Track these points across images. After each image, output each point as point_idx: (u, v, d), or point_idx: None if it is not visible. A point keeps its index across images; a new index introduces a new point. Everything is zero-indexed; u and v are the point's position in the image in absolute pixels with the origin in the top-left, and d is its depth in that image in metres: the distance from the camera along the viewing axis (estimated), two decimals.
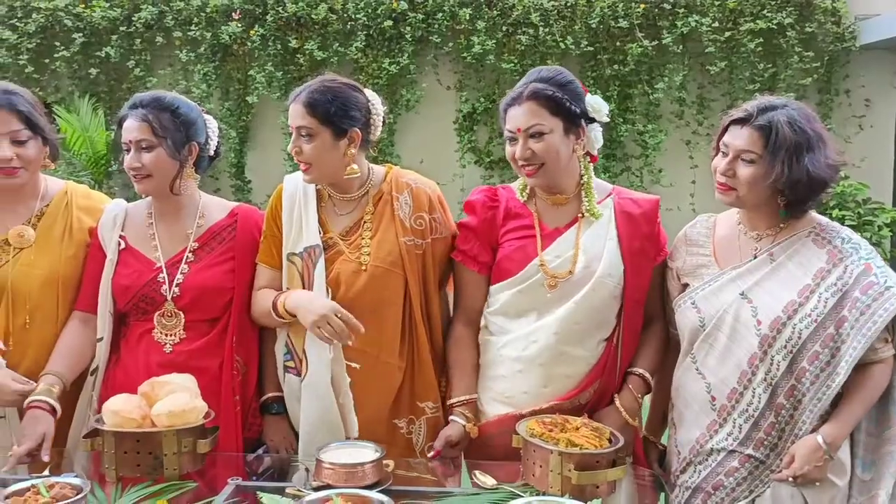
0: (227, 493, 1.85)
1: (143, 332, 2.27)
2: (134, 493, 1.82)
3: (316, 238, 2.22)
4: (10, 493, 1.63)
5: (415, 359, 2.24)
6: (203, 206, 2.37)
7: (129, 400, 1.96)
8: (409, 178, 2.31)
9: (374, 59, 7.34)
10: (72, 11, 7.47)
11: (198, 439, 1.94)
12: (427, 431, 2.25)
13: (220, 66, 7.59)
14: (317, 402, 2.17)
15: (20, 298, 2.24)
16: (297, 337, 2.23)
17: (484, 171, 7.50)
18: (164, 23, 7.46)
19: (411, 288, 2.22)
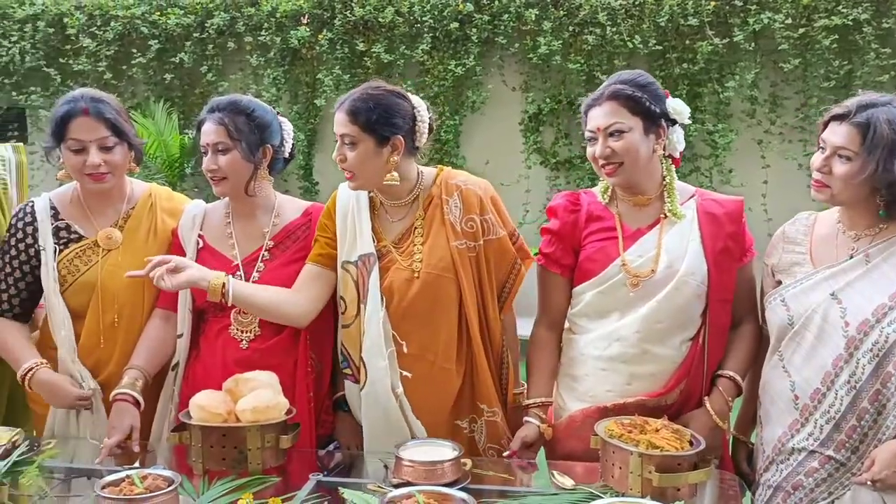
0: (308, 489, 1.89)
1: (220, 328, 2.33)
2: (220, 487, 1.88)
3: (370, 247, 2.24)
4: (106, 484, 1.69)
5: (473, 362, 2.25)
6: (278, 205, 2.42)
7: (214, 395, 2.02)
8: (458, 179, 2.30)
9: (440, 61, 7.37)
10: (148, 19, 7.68)
11: (280, 435, 1.99)
12: (487, 432, 2.27)
13: (289, 69, 7.72)
14: (377, 409, 2.21)
15: (109, 298, 2.33)
16: (352, 346, 2.26)
17: (549, 173, 7.46)
18: (236, 28, 7.62)
19: (465, 292, 2.21)
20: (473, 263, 2.23)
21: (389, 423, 2.18)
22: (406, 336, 2.20)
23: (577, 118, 7.25)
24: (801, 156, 6.63)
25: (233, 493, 1.85)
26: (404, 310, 2.19)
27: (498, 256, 2.27)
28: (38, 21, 7.79)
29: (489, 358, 2.26)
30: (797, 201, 6.26)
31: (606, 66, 7.06)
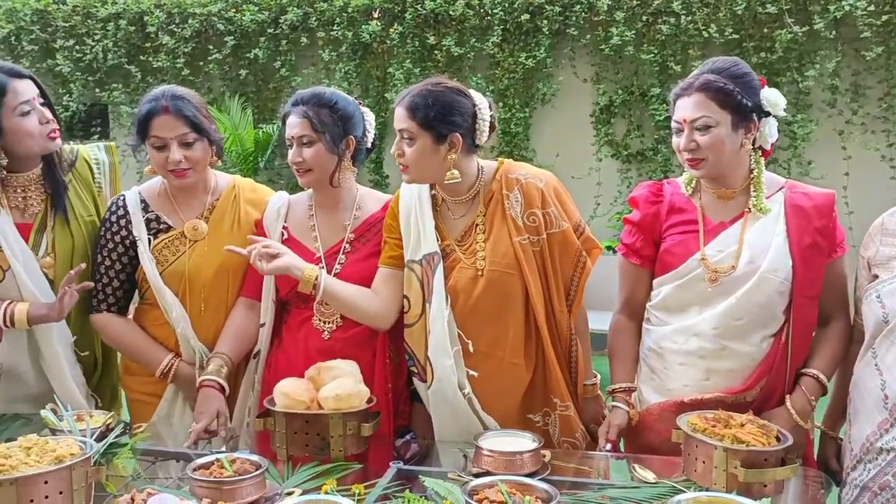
0: (389, 477, 1.91)
1: (303, 319, 2.37)
2: (303, 472, 1.91)
3: (434, 246, 2.24)
4: (197, 466, 1.74)
5: (542, 357, 2.23)
6: (360, 198, 2.45)
7: (298, 383, 2.06)
8: (519, 172, 2.27)
9: (510, 54, 7.35)
10: (224, 16, 7.85)
11: (362, 423, 2.02)
12: (561, 425, 2.26)
13: (360, 64, 7.80)
14: (445, 407, 2.22)
15: (196, 287, 2.40)
16: (416, 345, 2.26)
17: (621, 165, 7.37)
18: (309, 24, 7.73)
19: (531, 287, 2.19)
20: (538, 258, 2.21)
21: (459, 419, 2.19)
22: (473, 335, 2.20)
23: (649, 110, 7.19)
24: (885, 146, 6.42)
25: (316, 478, 1.88)
26: (470, 309, 2.19)
27: (562, 249, 2.24)
28: (119, 20, 8.04)
29: (557, 352, 2.25)
30: (879, 193, 6.07)
31: (680, 56, 6.94)
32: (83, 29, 8.12)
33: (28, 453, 1.60)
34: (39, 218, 2.38)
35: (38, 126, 2.28)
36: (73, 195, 2.45)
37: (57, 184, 2.40)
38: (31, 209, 2.38)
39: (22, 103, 2.25)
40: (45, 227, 2.38)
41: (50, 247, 2.37)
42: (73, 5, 8.09)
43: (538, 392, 2.24)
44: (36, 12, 8.19)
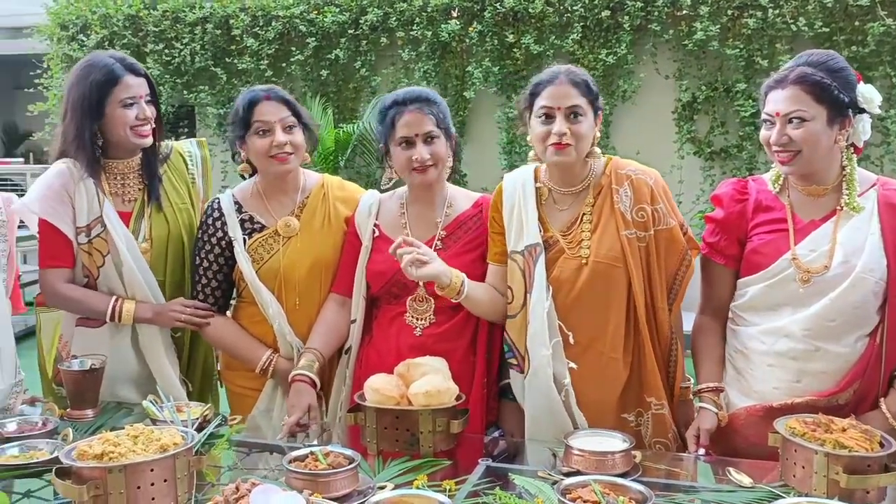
0: (478, 473, 1.92)
1: (394, 315, 2.40)
2: (394, 467, 1.93)
3: (536, 237, 2.24)
4: (293, 459, 1.78)
5: (641, 354, 2.21)
6: (450, 196, 2.47)
7: (388, 379, 2.08)
8: (629, 168, 2.27)
9: (590, 51, 7.28)
10: (306, 17, 7.98)
11: (451, 420, 2.03)
12: (654, 425, 2.23)
13: (439, 63, 7.84)
14: (540, 399, 2.21)
15: (290, 283, 2.46)
16: (517, 336, 2.26)
17: (703, 163, 7.23)
18: (388, 24, 7.80)
19: (634, 282, 2.18)
20: (643, 253, 2.20)
21: (552, 413, 2.18)
22: (574, 326, 2.19)
23: (734, 106, 7.02)
24: None
25: (406, 473, 1.90)
26: (572, 300, 2.19)
27: (668, 247, 2.22)
28: (206, 23, 8.26)
29: (656, 350, 2.22)
30: None
31: (767, 50, 6.77)
32: (172, 33, 8.37)
33: (135, 442, 1.67)
34: (138, 206, 2.50)
35: (134, 120, 2.39)
36: (168, 185, 2.56)
37: (153, 174, 2.51)
38: (129, 196, 2.50)
39: (128, 97, 2.37)
40: (142, 214, 2.50)
41: (147, 233, 2.49)
42: (162, 10, 8.35)
43: (633, 390, 2.22)
44: (128, 18, 8.49)
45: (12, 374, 2.32)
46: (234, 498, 1.33)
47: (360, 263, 2.44)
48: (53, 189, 2.41)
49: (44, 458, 1.86)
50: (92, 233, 2.43)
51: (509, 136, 7.68)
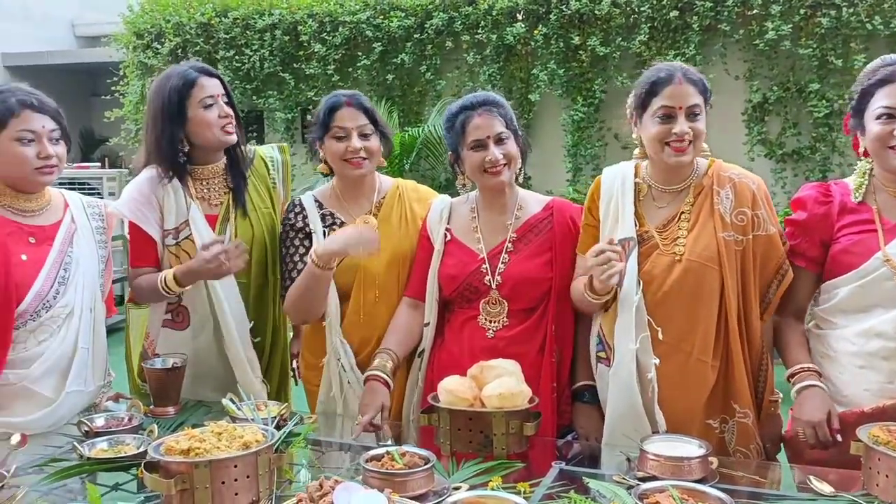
0: (552, 476, 1.92)
1: (467, 318, 2.42)
2: (468, 468, 1.95)
3: (631, 230, 2.23)
4: (370, 458, 1.81)
5: (730, 360, 2.18)
6: (520, 199, 2.48)
7: (462, 381, 2.10)
8: (732, 172, 2.26)
9: (657, 52, 7.21)
10: (372, 23, 8.08)
11: (524, 422, 2.03)
12: (738, 433, 2.19)
13: (503, 66, 7.85)
14: (623, 393, 2.19)
15: (370, 277, 2.51)
16: (608, 329, 2.26)
17: (775, 165, 7.09)
18: (454, 28, 7.85)
19: (728, 285, 2.15)
20: (739, 257, 2.18)
21: (633, 409, 2.17)
22: (662, 323, 2.17)
23: (806, 107, 6.87)
24: None
25: (480, 475, 1.91)
26: (663, 295, 2.17)
27: (766, 254, 2.20)
28: (275, 30, 8.43)
29: (745, 358, 2.19)
30: None
31: (842, 49, 6.62)
32: (242, 40, 8.56)
33: (219, 438, 1.71)
34: (223, 210, 2.57)
35: (217, 119, 2.46)
36: (252, 189, 2.62)
37: (238, 178, 2.58)
38: (214, 200, 2.57)
39: (206, 97, 2.45)
40: (228, 218, 2.57)
41: (233, 236, 2.54)
42: (233, 18, 8.55)
43: (719, 396, 2.19)
44: (200, 25, 8.71)
45: (102, 376, 2.40)
46: (318, 495, 1.36)
47: (432, 267, 2.47)
48: (143, 193, 2.49)
49: (131, 452, 1.93)
50: (180, 235, 2.50)
51: (574, 138, 7.65)
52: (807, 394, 2.10)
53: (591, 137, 7.66)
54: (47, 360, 2.21)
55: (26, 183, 2.22)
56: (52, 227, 2.30)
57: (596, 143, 7.68)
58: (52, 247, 2.26)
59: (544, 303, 2.39)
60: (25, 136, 2.16)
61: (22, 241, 2.22)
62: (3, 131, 2.16)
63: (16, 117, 2.16)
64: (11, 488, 1.74)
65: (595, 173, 7.64)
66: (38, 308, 2.19)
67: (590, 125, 7.64)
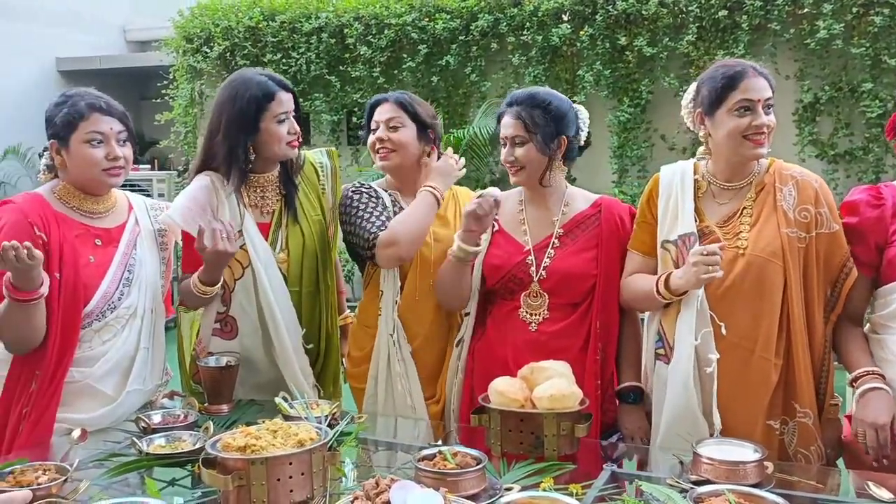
0: (603, 479, 1.91)
1: (509, 310, 2.43)
2: (519, 469, 1.95)
3: (691, 226, 2.22)
4: (422, 457, 1.82)
5: (792, 359, 2.15)
6: (568, 195, 2.49)
7: (512, 382, 2.09)
8: (793, 170, 2.24)
9: (705, 52, 7.13)
10: (418, 25, 8.11)
11: (575, 424, 2.03)
12: (799, 435, 2.16)
13: (549, 67, 7.82)
14: (682, 390, 2.17)
15: (425, 264, 2.56)
16: (669, 325, 2.24)
17: (826, 166, 6.96)
18: (499, 29, 7.84)
19: (790, 282, 2.13)
20: (802, 254, 2.16)
21: (690, 408, 2.15)
22: (724, 318, 2.15)
23: (859, 107, 6.74)
24: None
25: (531, 476, 1.91)
26: (725, 290, 2.15)
27: (829, 251, 2.19)
28: (321, 33, 8.50)
29: (808, 357, 2.16)
30: None
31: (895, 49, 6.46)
32: (289, 43, 8.66)
33: (274, 436, 1.74)
34: (276, 217, 2.56)
35: (287, 135, 2.48)
36: (302, 196, 2.63)
37: (291, 185, 2.59)
38: (267, 208, 2.56)
39: (282, 112, 2.46)
40: (280, 225, 2.56)
41: (284, 243, 2.55)
42: (280, 22, 8.65)
43: (780, 397, 2.17)
44: (248, 29, 8.83)
45: (160, 375, 2.44)
46: (375, 493, 1.38)
47: (478, 257, 2.47)
48: (198, 202, 2.45)
49: (188, 448, 1.96)
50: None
51: (620, 139, 7.59)
52: (872, 395, 2.07)
53: (636, 138, 7.60)
54: (110, 359, 2.26)
55: (95, 184, 2.27)
56: (118, 229, 2.35)
57: (642, 144, 7.62)
58: (117, 249, 2.31)
59: (588, 299, 2.39)
60: (95, 137, 2.22)
61: (89, 243, 2.27)
62: (74, 134, 2.21)
63: (85, 120, 2.21)
64: (74, 482, 1.78)
65: (641, 175, 7.59)
66: (104, 309, 2.24)
67: (636, 126, 7.58)
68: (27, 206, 2.20)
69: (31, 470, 1.77)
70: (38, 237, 2.15)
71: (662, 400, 2.24)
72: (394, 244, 2.46)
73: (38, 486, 1.69)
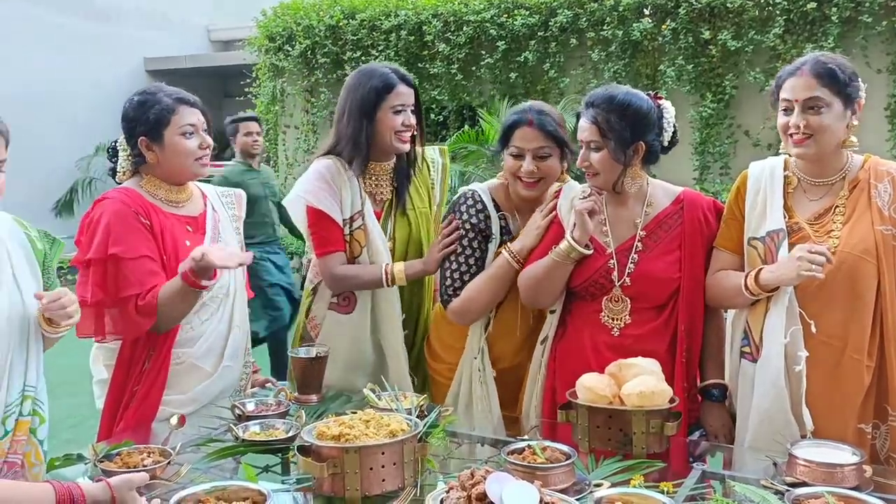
0: (694, 478, 1.88)
1: (590, 312, 2.39)
2: (607, 466, 1.94)
3: (780, 222, 2.17)
4: (511, 451, 1.83)
5: (884, 359, 2.08)
6: (650, 193, 2.41)
7: (600, 378, 2.08)
8: (890, 166, 2.17)
9: (793, 45, 6.94)
10: (496, 21, 8.11)
11: (665, 422, 2.01)
12: (892, 438, 2.09)
13: (629, 62, 7.73)
14: (770, 390, 2.12)
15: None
16: (755, 322, 2.20)
17: None
18: (578, 24, 7.79)
19: (885, 280, 2.06)
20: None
21: (780, 408, 2.10)
22: (815, 316, 2.10)
23: None
24: None
25: (620, 473, 1.90)
26: (816, 288, 2.09)
27: None
28: (400, 30, 8.58)
29: None
30: None
31: None
32: (369, 41, 8.76)
33: (367, 426, 1.77)
34: (386, 206, 2.69)
35: (400, 126, 2.58)
36: (413, 188, 2.73)
37: (403, 177, 2.69)
38: (380, 196, 2.69)
39: (399, 104, 2.57)
40: (389, 214, 2.69)
41: (392, 233, 2.67)
42: (360, 20, 8.76)
43: (873, 399, 2.11)
44: (329, 28, 8.97)
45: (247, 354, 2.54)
46: (470, 483, 1.39)
47: None
48: (325, 181, 2.60)
49: (282, 436, 2.02)
50: (353, 224, 2.62)
51: (702, 135, 7.45)
52: None
53: (719, 135, 7.45)
54: (208, 338, 2.37)
55: (186, 174, 2.37)
56: (201, 216, 2.44)
57: (725, 140, 7.46)
58: (205, 233, 2.41)
59: (672, 301, 2.35)
60: (187, 130, 2.31)
61: (182, 229, 2.37)
62: (167, 128, 2.30)
63: (176, 114, 2.30)
64: (175, 465, 1.86)
65: (724, 172, 7.43)
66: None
67: (719, 122, 7.42)
68: (125, 197, 2.30)
69: (137, 452, 1.86)
70: (143, 223, 2.26)
71: (749, 399, 2.19)
72: (461, 317, 2.54)
73: (143, 468, 1.76)
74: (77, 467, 1.94)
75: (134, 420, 2.27)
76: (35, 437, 2.05)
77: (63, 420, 3.31)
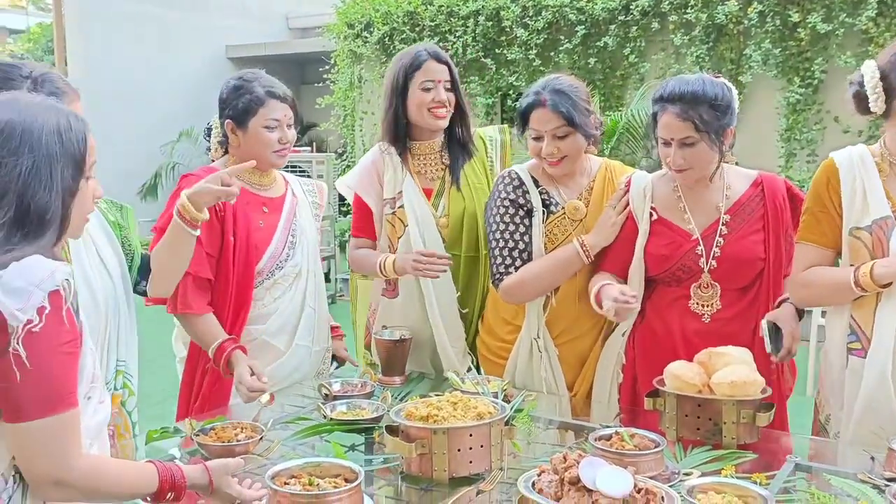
0: (787, 470, 1.84)
1: (675, 298, 2.36)
2: (696, 455, 1.91)
3: (885, 209, 2.07)
4: (599, 437, 1.82)
5: None
6: (727, 177, 2.37)
7: (689, 366, 2.04)
8: None
9: (886, 28, 6.66)
10: (576, 6, 8.01)
11: (756, 412, 1.96)
12: None
13: (713, 47, 7.54)
14: (878, 382, 2.03)
15: None
16: (865, 317, 2.11)
17: None
18: (660, 8, 7.63)
19: None
20: None
21: (885, 400, 2.01)
22: None
23: None
24: None
25: (709, 463, 1.87)
26: None
27: None
28: (478, 16, 8.55)
29: None
30: None
31: None
32: (446, 27, 8.76)
33: (454, 408, 1.78)
34: (438, 184, 2.70)
35: (430, 102, 2.60)
36: (467, 166, 2.73)
37: (456, 156, 2.71)
38: (430, 175, 2.71)
39: (427, 80, 2.59)
40: (442, 191, 2.70)
41: (446, 209, 2.67)
42: (438, 5, 8.77)
43: None
44: (407, 14, 9.01)
45: (325, 339, 2.58)
46: (563, 467, 1.39)
47: (638, 245, 2.40)
48: (365, 166, 2.71)
49: (369, 416, 2.04)
50: (396, 205, 2.66)
51: (789, 121, 7.22)
52: None
53: (807, 121, 7.21)
54: (281, 315, 2.43)
55: (264, 163, 2.42)
56: (279, 199, 2.51)
57: (813, 126, 7.22)
58: (280, 215, 2.48)
59: (757, 283, 2.32)
60: (271, 124, 2.36)
61: (258, 210, 2.44)
62: (253, 119, 2.36)
63: (264, 106, 2.36)
64: (266, 441, 1.90)
65: (810, 159, 7.19)
66: (273, 268, 2.41)
67: (807, 107, 7.18)
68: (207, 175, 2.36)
69: (230, 427, 1.91)
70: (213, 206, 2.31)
71: (855, 395, 2.11)
72: (513, 297, 2.50)
73: (237, 443, 1.81)
74: (173, 439, 2.01)
75: (210, 396, 2.35)
76: (125, 409, 2.13)
77: (150, 395, 3.42)
